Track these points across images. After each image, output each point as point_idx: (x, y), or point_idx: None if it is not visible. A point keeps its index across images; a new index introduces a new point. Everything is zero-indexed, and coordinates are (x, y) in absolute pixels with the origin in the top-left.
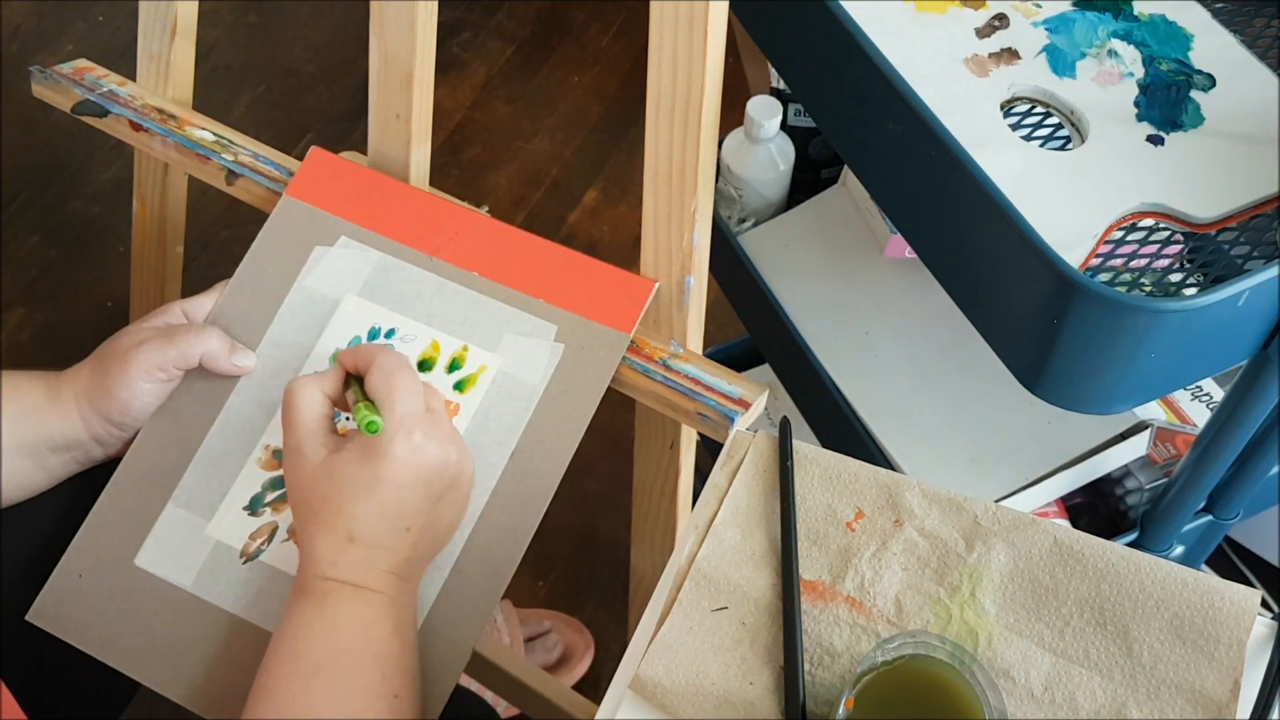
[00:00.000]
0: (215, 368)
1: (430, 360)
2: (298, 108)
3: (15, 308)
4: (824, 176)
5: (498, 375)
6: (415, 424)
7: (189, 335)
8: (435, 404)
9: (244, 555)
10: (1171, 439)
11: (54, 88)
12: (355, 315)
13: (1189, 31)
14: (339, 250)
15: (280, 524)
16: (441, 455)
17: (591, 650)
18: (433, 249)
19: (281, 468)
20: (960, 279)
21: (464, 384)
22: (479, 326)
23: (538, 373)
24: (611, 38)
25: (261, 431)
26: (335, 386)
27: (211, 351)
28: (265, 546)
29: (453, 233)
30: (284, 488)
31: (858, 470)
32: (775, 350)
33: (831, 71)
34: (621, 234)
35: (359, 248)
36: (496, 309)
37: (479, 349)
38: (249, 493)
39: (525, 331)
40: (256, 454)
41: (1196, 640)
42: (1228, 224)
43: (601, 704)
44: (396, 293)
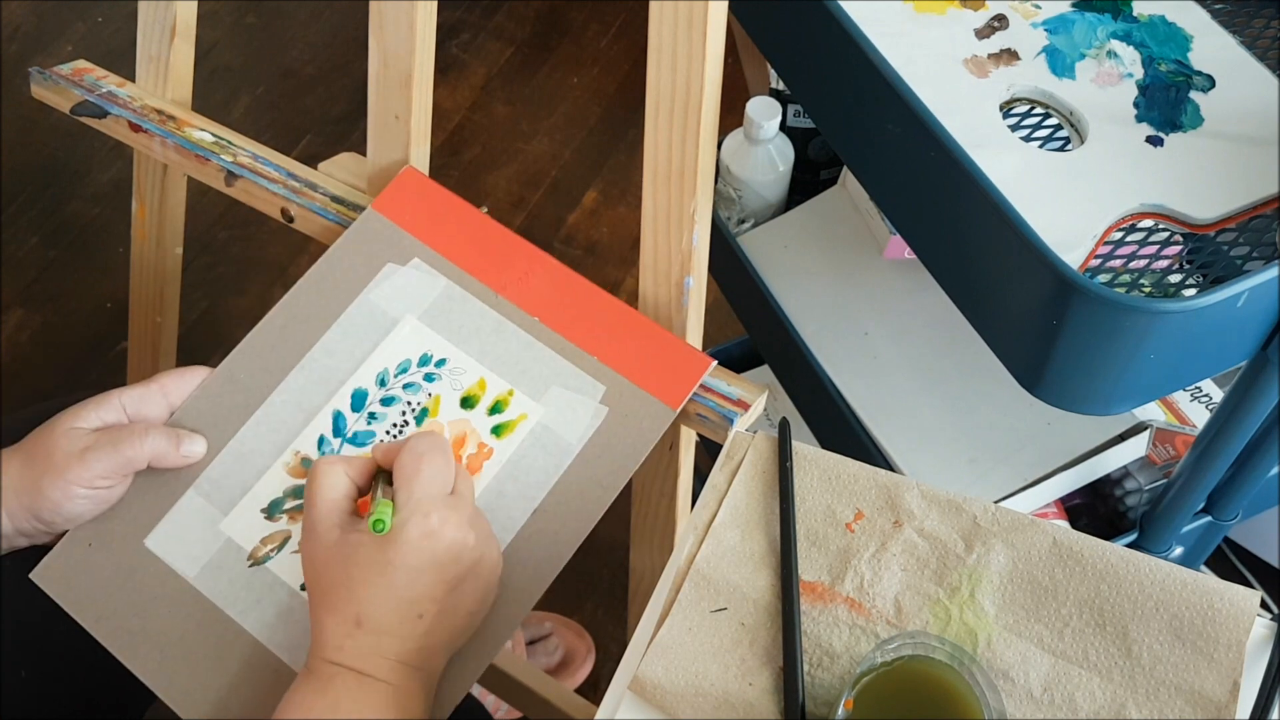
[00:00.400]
0: (164, 465)
1: (474, 398)
2: (297, 109)
3: (14, 309)
4: (823, 177)
5: (537, 427)
6: (433, 506)
7: (134, 440)
8: (463, 488)
9: (251, 558)
10: (1171, 440)
11: (53, 89)
12: (411, 338)
13: (1188, 32)
14: (410, 270)
15: (293, 534)
16: (459, 540)
17: (593, 655)
18: (500, 286)
19: (305, 478)
20: (959, 280)
21: (502, 429)
22: (529, 373)
23: (577, 431)
24: (611, 39)
25: (295, 435)
26: (362, 474)
27: (159, 452)
28: (273, 554)
29: (522, 272)
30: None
31: (857, 471)
32: (774, 351)
33: (831, 72)
34: (621, 235)
35: (429, 271)
36: (549, 358)
37: (524, 396)
38: (270, 496)
39: (573, 387)
40: (285, 458)
41: (1196, 641)
42: (1227, 225)
43: (601, 705)
44: (456, 323)
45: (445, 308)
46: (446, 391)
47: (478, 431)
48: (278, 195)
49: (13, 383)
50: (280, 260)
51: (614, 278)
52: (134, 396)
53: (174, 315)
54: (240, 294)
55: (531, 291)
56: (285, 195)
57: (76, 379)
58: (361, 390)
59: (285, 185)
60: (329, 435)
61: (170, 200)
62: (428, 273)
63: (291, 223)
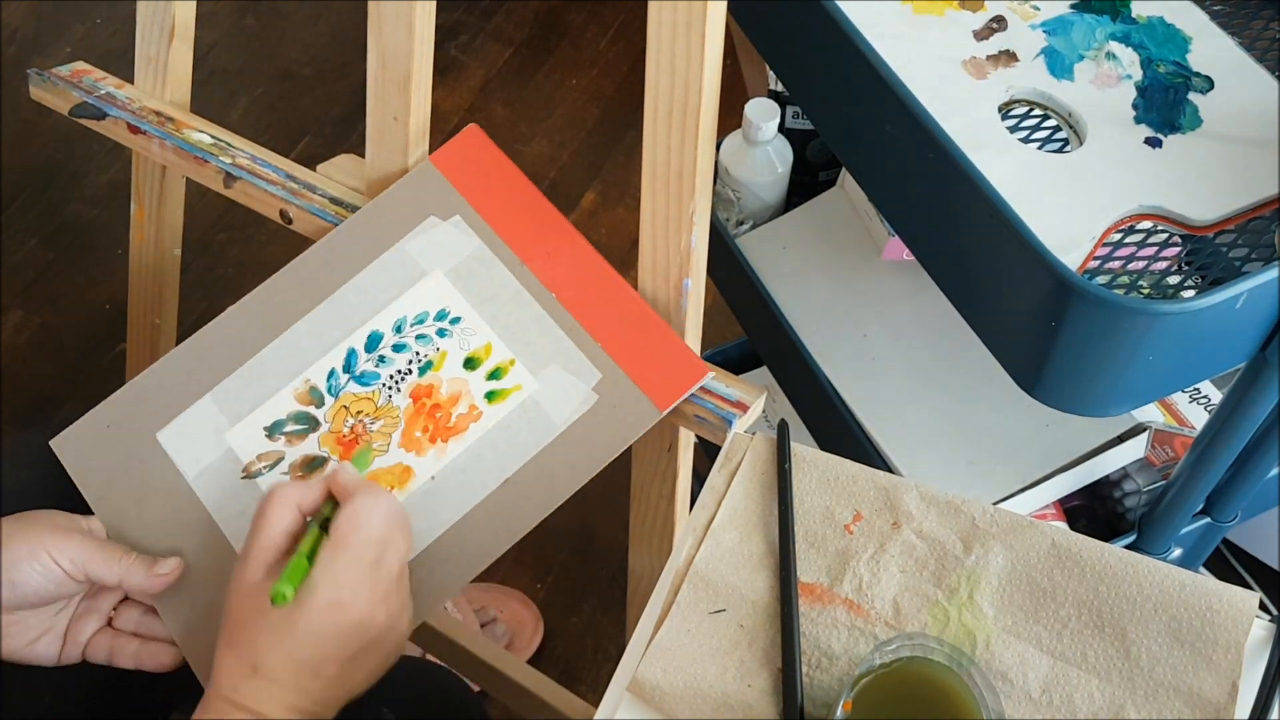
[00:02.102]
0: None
1: (477, 359)
2: (295, 110)
3: (13, 310)
4: (822, 179)
5: (527, 400)
6: (348, 579)
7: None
8: (390, 558)
9: (245, 472)
10: (1169, 441)
11: (52, 90)
12: (434, 292)
13: (1187, 34)
14: (449, 226)
15: (287, 456)
16: (366, 616)
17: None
18: (527, 257)
19: (311, 404)
20: (958, 281)
21: (495, 395)
22: (532, 346)
23: (564, 414)
24: (609, 40)
25: (309, 364)
26: (314, 503)
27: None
28: (265, 471)
29: (552, 248)
30: (307, 424)
31: (856, 473)
32: (773, 353)
33: (829, 74)
34: (619, 236)
35: (466, 230)
36: (556, 336)
37: (523, 367)
38: (274, 416)
39: (570, 368)
40: (296, 383)
41: (1194, 643)
42: (1226, 226)
43: (600, 706)
44: (478, 286)
45: (472, 269)
46: (454, 349)
47: (473, 393)
48: (276, 197)
49: (12, 384)
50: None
51: None
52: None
53: (173, 317)
54: (239, 295)
55: (555, 268)
56: (284, 197)
57: (75, 380)
58: (377, 333)
59: (284, 187)
60: (339, 369)
61: (169, 202)
62: (465, 231)
63: (290, 224)
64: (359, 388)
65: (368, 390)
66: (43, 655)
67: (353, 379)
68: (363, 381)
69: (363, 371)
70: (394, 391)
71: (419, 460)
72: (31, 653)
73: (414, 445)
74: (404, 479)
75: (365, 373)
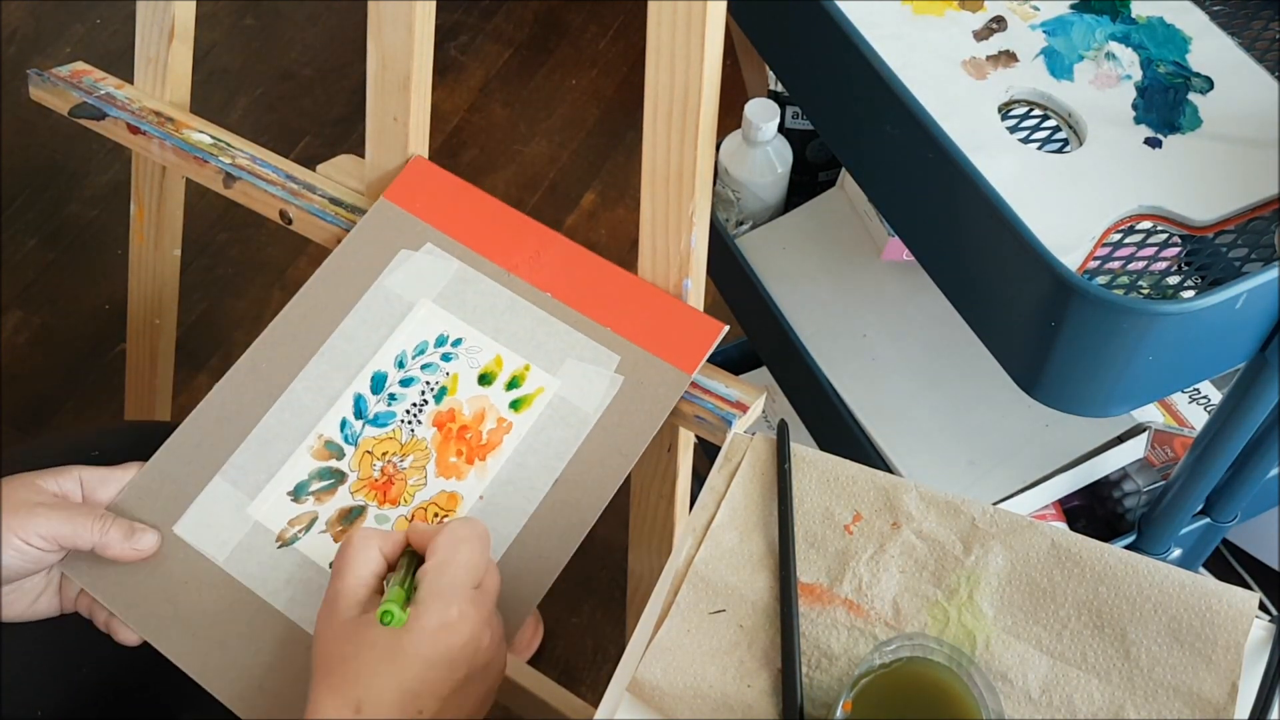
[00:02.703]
0: (107, 555)
1: (491, 375)
2: (295, 111)
3: (13, 310)
4: (821, 179)
5: (554, 399)
6: (455, 598)
7: (90, 523)
8: (489, 584)
9: (280, 540)
10: (1169, 442)
11: (51, 91)
12: (428, 320)
13: (1187, 34)
14: (422, 255)
15: (320, 515)
16: (475, 638)
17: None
18: (512, 265)
19: (331, 458)
20: (958, 282)
21: (520, 403)
22: (543, 348)
23: (594, 401)
24: (609, 40)
25: (318, 419)
26: (395, 551)
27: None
28: (301, 535)
29: (534, 252)
30: (333, 478)
31: (855, 473)
32: (773, 353)
33: (829, 74)
34: (619, 237)
35: (441, 255)
36: (563, 332)
37: (540, 370)
38: (295, 479)
39: (588, 359)
40: (309, 441)
41: (1194, 643)
42: (1225, 226)
43: (599, 706)
44: (470, 304)
45: (459, 289)
46: (464, 370)
47: (496, 407)
48: (276, 197)
49: (11, 384)
50: (279, 262)
51: None
52: (95, 476)
53: (172, 317)
54: (238, 296)
55: (543, 269)
56: (284, 197)
57: (75, 381)
58: (381, 373)
59: (284, 187)
60: (350, 418)
61: (168, 202)
62: (440, 256)
63: (290, 224)
64: (377, 430)
65: (387, 430)
66: (45, 611)
67: (368, 423)
68: (379, 423)
69: (376, 414)
70: (416, 424)
71: (461, 484)
72: (34, 611)
73: (452, 471)
74: (452, 505)
75: (379, 414)
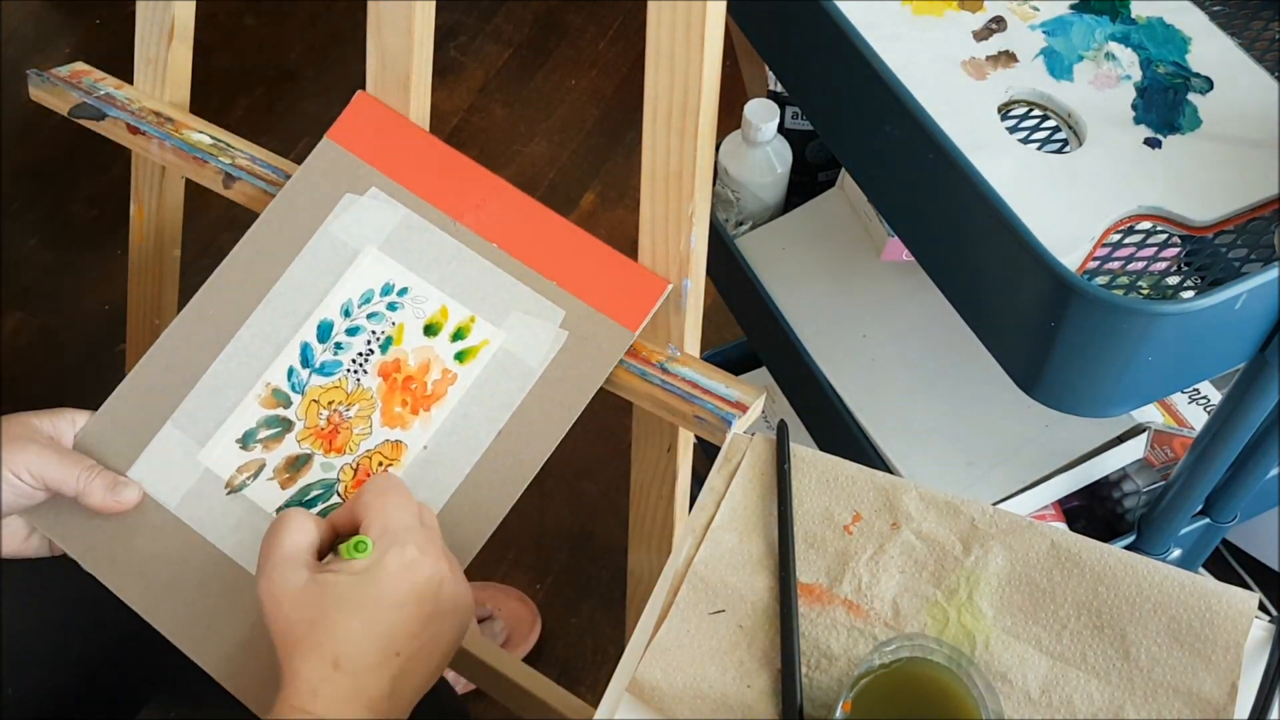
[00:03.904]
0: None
1: (437, 325)
2: (295, 111)
3: (13, 311)
4: (821, 180)
5: (499, 352)
6: (409, 537)
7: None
8: (429, 520)
9: (229, 486)
10: (1169, 442)
11: (51, 91)
12: (373, 268)
13: (1186, 34)
14: (368, 201)
15: (268, 462)
16: (438, 570)
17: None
18: (458, 214)
19: (279, 406)
20: (957, 282)
21: (465, 355)
22: (489, 299)
23: (538, 355)
24: (608, 41)
25: (265, 368)
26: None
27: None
28: (250, 481)
29: (480, 200)
30: (280, 426)
31: (855, 473)
32: (772, 353)
33: (828, 75)
34: (619, 237)
35: (387, 201)
36: (509, 284)
37: (485, 322)
38: (244, 426)
39: (533, 312)
40: (257, 390)
41: (1194, 643)
42: (1225, 227)
43: (599, 706)
44: (416, 252)
45: (405, 237)
46: (410, 320)
47: (441, 358)
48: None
49: (11, 385)
50: None
51: None
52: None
53: (172, 318)
54: None
55: (490, 218)
56: None
57: (75, 381)
58: (327, 321)
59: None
60: (297, 366)
61: (168, 202)
62: (386, 202)
63: None
64: (323, 379)
65: (333, 379)
66: (36, 549)
67: (314, 372)
68: (325, 372)
69: (322, 362)
70: (361, 374)
71: (406, 434)
72: (27, 548)
73: (397, 421)
74: (396, 454)
75: (325, 363)
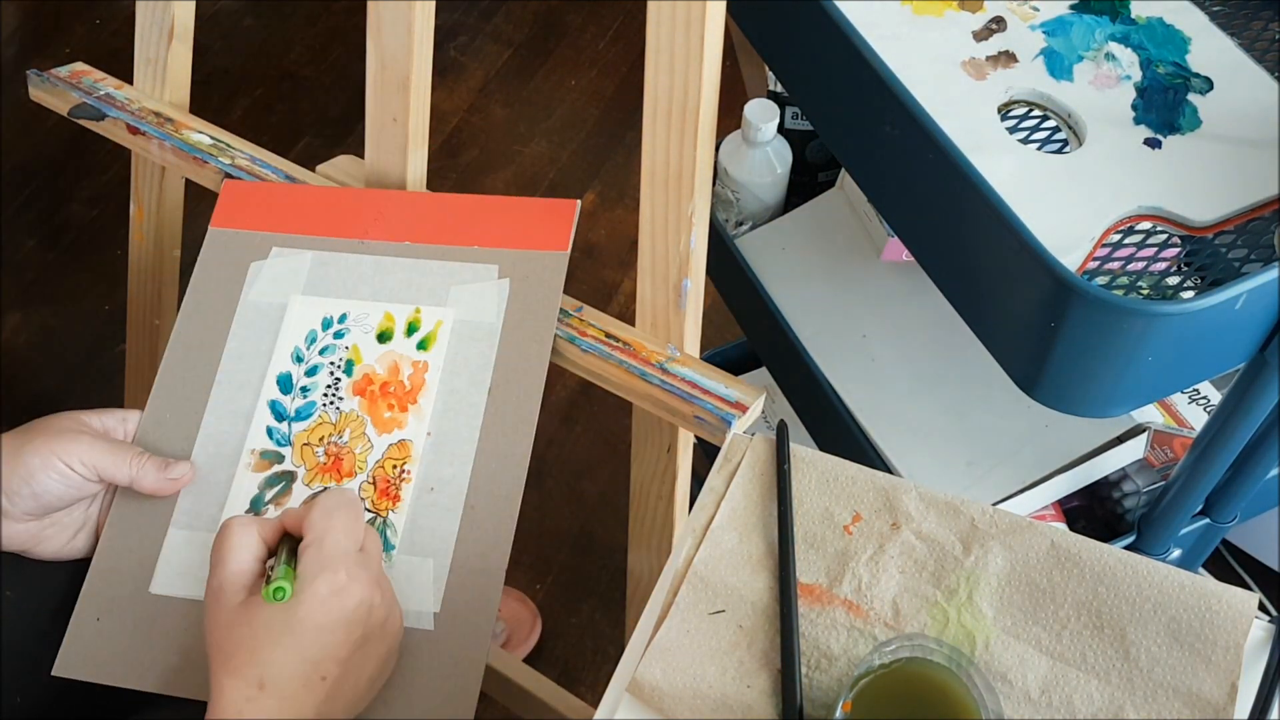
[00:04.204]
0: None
1: (388, 331)
2: (295, 111)
3: (13, 311)
4: (821, 180)
5: (455, 324)
6: (341, 563)
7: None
8: (371, 547)
9: None
10: (1169, 442)
11: (51, 91)
12: (305, 312)
13: (1186, 34)
14: (273, 260)
15: None
16: (365, 598)
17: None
18: (361, 233)
19: (273, 465)
20: (957, 282)
21: (426, 342)
22: (424, 288)
23: (492, 311)
24: (608, 41)
25: (244, 439)
26: (273, 535)
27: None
28: None
29: (375, 214)
30: (281, 482)
31: (855, 473)
32: (772, 354)
33: (828, 75)
34: (618, 237)
35: (292, 253)
36: (437, 268)
37: (431, 307)
38: (248, 496)
39: (469, 279)
40: (245, 460)
41: (1194, 643)
42: (1225, 227)
43: (599, 706)
44: (338, 282)
45: (322, 274)
46: (360, 337)
47: (405, 355)
48: None
49: (11, 385)
50: None
51: (612, 280)
52: (135, 418)
53: (172, 318)
54: None
55: (392, 224)
56: None
57: (75, 381)
58: (285, 374)
59: None
60: (274, 423)
61: (168, 203)
62: (291, 254)
63: None
64: (304, 423)
65: (314, 419)
66: (81, 549)
67: (292, 420)
68: (303, 416)
69: (296, 409)
70: (338, 401)
71: (404, 432)
72: (71, 549)
73: (392, 424)
74: (405, 453)
75: (299, 409)
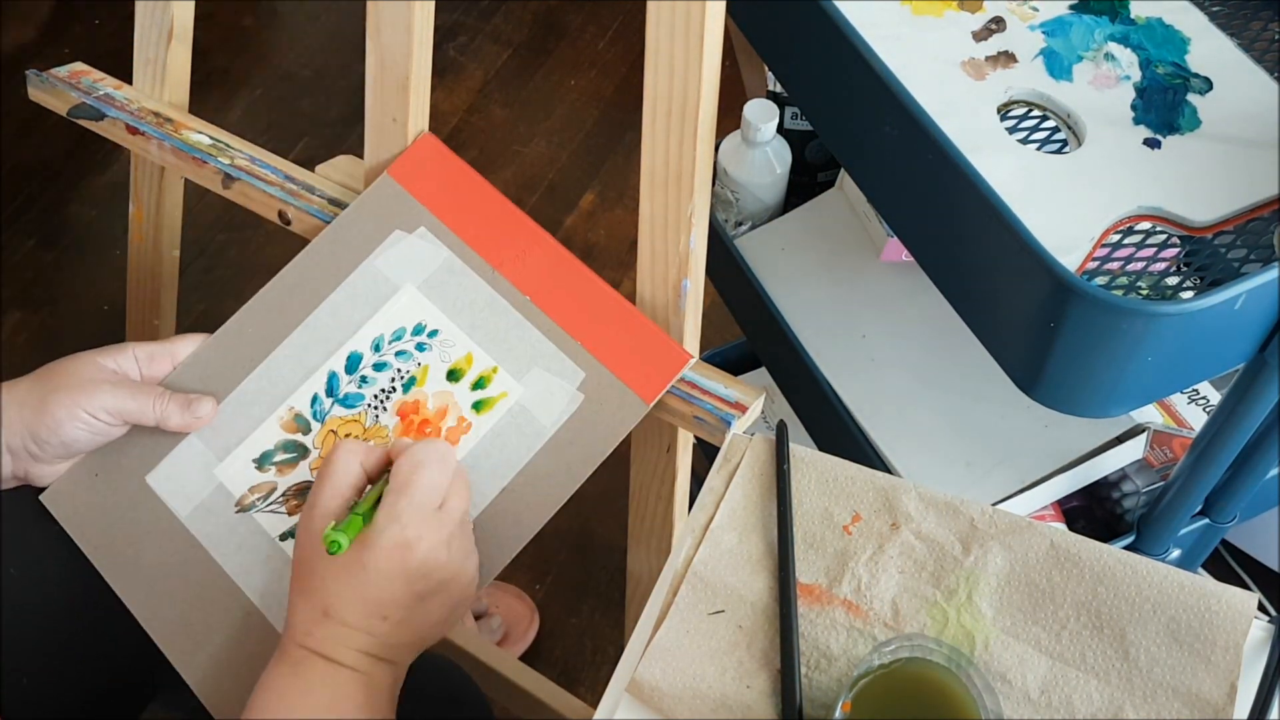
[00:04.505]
0: (167, 427)
1: (460, 372)
2: (294, 111)
3: (12, 311)
4: (820, 180)
5: (515, 406)
6: (413, 519)
7: (150, 398)
8: (454, 504)
9: (239, 505)
10: (1168, 442)
11: (50, 91)
12: (409, 307)
13: (1186, 35)
14: (415, 239)
15: (279, 486)
16: (431, 557)
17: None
18: (498, 262)
19: (298, 432)
20: (957, 282)
21: (482, 405)
22: (513, 352)
23: (552, 416)
24: (608, 41)
25: (292, 392)
26: (377, 466)
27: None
28: (259, 504)
29: (521, 250)
30: (296, 452)
31: (854, 474)
32: (772, 354)
33: (828, 75)
34: (618, 237)
35: (433, 241)
36: (536, 340)
37: (506, 374)
38: (262, 447)
39: (554, 370)
40: (280, 412)
41: (1193, 643)
42: (1224, 227)
43: (599, 707)
44: (452, 296)
45: (444, 279)
46: (435, 362)
47: (459, 405)
48: (275, 198)
49: None
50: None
51: (611, 280)
52: (147, 352)
53: (171, 318)
54: (237, 297)
55: (528, 270)
56: (282, 198)
57: None
58: (357, 354)
59: (282, 188)
60: (322, 394)
61: (167, 203)
62: (431, 242)
63: (289, 225)
64: (344, 410)
65: (354, 412)
66: None
67: (337, 402)
68: (347, 404)
69: (346, 394)
70: (380, 411)
71: None
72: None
73: None
74: None
75: (349, 395)
